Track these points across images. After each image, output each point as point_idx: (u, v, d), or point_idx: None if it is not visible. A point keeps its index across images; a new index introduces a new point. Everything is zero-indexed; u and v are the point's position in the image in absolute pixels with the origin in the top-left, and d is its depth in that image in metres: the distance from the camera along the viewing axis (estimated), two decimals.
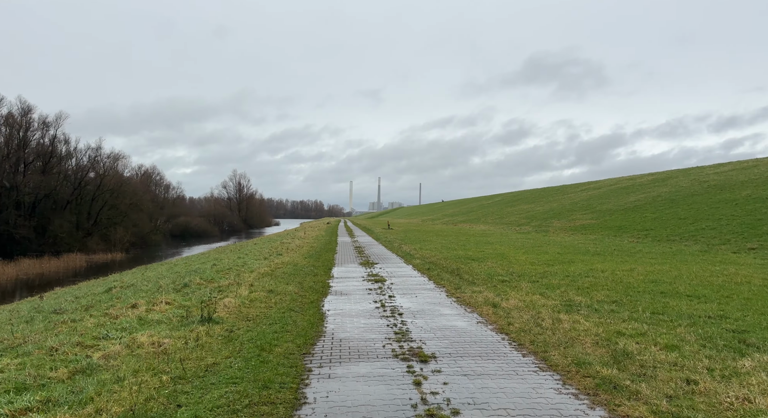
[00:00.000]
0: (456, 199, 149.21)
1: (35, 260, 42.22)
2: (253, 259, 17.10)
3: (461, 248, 21.46)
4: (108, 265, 46.04)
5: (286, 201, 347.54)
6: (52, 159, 63.01)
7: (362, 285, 11.60)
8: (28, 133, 59.64)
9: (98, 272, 38.13)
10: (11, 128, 58.85)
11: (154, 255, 55.96)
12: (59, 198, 62.01)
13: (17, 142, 59.11)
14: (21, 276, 35.46)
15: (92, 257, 51.23)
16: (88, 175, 66.78)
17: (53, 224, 57.83)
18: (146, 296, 10.28)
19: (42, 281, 34.27)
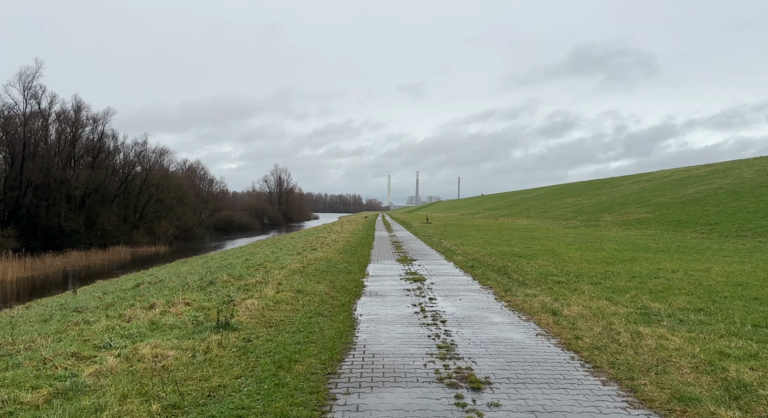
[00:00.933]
0: (496, 193, 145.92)
1: (83, 253, 43.39)
2: (286, 254, 16.35)
3: (506, 244, 20.05)
4: (152, 257, 46.95)
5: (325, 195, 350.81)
6: (101, 154, 64.96)
7: (399, 285, 10.54)
8: (78, 129, 61.61)
9: (141, 265, 38.76)
10: (63, 124, 61.00)
11: (197, 248, 56.83)
12: (107, 192, 63.94)
13: (68, 138, 61.24)
14: (68, 268, 36.38)
15: (137, 249, 52.46)
16: (134, 170, 68.64)
17: (101, 218, 59.65)
18: (168, 294, 9.58)
19: (88, 273, 35.05)
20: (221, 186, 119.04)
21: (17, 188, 52.94)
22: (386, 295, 9.33)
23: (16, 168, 53.81)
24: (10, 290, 26.97)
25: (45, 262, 36.08)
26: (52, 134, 59.85)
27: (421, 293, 9.57)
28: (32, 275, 32.27)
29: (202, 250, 50.53)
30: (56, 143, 60.19)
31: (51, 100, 58.18)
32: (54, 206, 56.70)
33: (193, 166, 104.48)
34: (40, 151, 56.09)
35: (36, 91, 55.35)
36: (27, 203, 53.22)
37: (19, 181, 53.15)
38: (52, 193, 56.06)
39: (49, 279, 31.74)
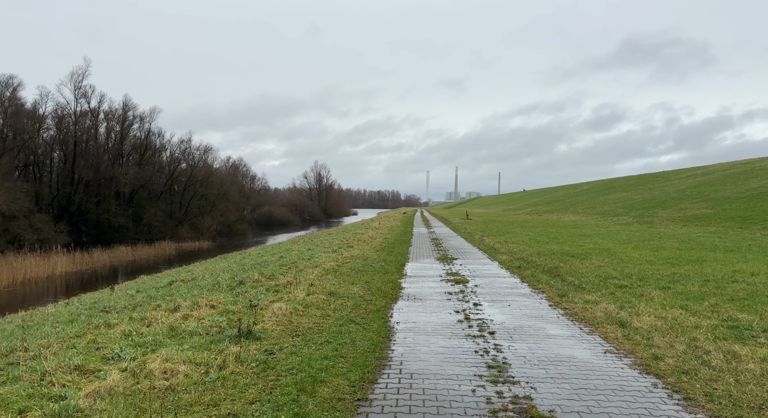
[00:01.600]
0: (539, 188, 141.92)
1: (130, 248, 44.53)
2: (322, 251, 15.77)
3: (554, 242, 18.80)
4: (195, 253, 47.81)
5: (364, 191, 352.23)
6: (148, 151, 66.86)
7: (440, 287, 9.69)
8: (126, 127, 63.56)
9: (184, 260, 39.41)
10: (112, 123, 63.12)
11: (238, 244, 57.61)
12: (154, 188, 65.78)
13: (117, 136, 63.34)
14: (115, 263, 37.37)
15: (182, 244, 53.62)
16: (180, 167, 70.39)
17: (148, 213, 61.40)
18: (197, 294, 9.11)
19: (133, 268, 35.88)
20: (263, 183, 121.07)
21: (69, 185, 55.14)
22: (426, 299, 8.51)
23: (68, 165, 56.05)
24: (59, 285, 27.79)
25: (93, 256, 37.16)
26: (102, 132, 62.00)
27: (464, 297, 8.69)
28: (81, 269, 33.26)
29: (243, 245, 51.12)
30: (105, 141, 62.36)
31: (100, 99, 60.26)
32: (104, 202, 58.76)
33: (236, 163, 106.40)
34: (91, 149, 58.18)
35: (86, 91, 57.40)
36: (78, 199, 55.35)
37: (71, 178, 55.31)
38: (101, 189, 58.09)
39: (96, 273, 32.61)
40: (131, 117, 63.89)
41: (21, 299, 22.90)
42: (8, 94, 48.92)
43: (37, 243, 38.37)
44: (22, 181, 46.54)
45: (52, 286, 27.17)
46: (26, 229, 41.39)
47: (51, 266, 30.57)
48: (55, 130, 56.19)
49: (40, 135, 54.11)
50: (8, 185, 39.44)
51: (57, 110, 55.69)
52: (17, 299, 22.68)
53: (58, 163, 57.47)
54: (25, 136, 50.64)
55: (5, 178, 40.56)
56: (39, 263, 30.34)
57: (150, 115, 65.40)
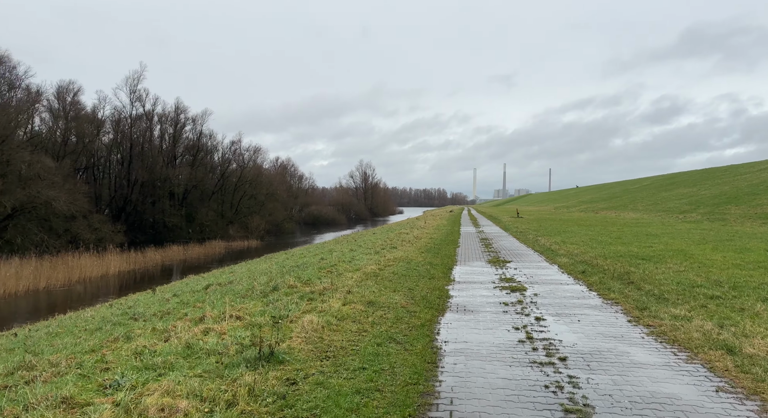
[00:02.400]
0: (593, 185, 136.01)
1: (182, 247, 45.53)
2: (364, 253, 14.91)
3: (618, 242, 17.10)
4: (244, 252, 48.41)
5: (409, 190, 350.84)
6: (200, 153, 68.62)
7: (493, 296, 8.56)
8: (179, 129, 65.44)
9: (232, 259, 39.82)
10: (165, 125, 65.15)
11: (286, 242, 58.04)
12: (205, 189, 67.43)
13: (170, 138, 65.34)
14: (166, 262, 38.19)
15: (231, 244, 54.52)
16: (230, 167, 71.92)
17: (200, 213, 63.00)
18: (227, 302, 8.44)
19: (184, 267, 36.52)
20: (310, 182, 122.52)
21: (126, 186, 57.29)
22: (478, 310, 7.42)
23: (125, 167, 58.27)
24: (112, 284, 28.45)
25: (146, 256, 38.12)
26: (156, 135, 64.08)
27: (523, 308, 7.53)
28: (134, 268, 34.10)
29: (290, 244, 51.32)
30: (159, 143, 64.44)
31: (154, 102, 62.33)
32: (158, 202, 60.75)
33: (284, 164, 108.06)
34: (146, 151, 60.24)
35: (141, 94, 59.48)
36: (134, 200, 57.42)
37: (127, 179, 57.47)
38: (156, 190, 60.02)
39: (148, 273, 33.32)
40: (183, 119, 65.77)
41: (75, 298, 23.47)
42: (69, 99, 51.31)
43: (96, 243, 39.84)
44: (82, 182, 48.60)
45: (105, 285, 27.84)
46: (85, 229, 43.07)
47: (105, 265, 31.46)
48: (113, 133, 58.52)
49: (100, 138, 56.45)
50: (68, 187, 41.13)
51: (114, 114, 58.03)
52: (72, 298, 23.26)
53: (115, 165, 59.88)
54: (85, 140, 53.00)
55: (66, 180, 42.33)
56: (94, 262, 31.29)
57: (201, 117, 67.10)
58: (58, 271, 27.09)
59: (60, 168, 43.13)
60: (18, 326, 14.86)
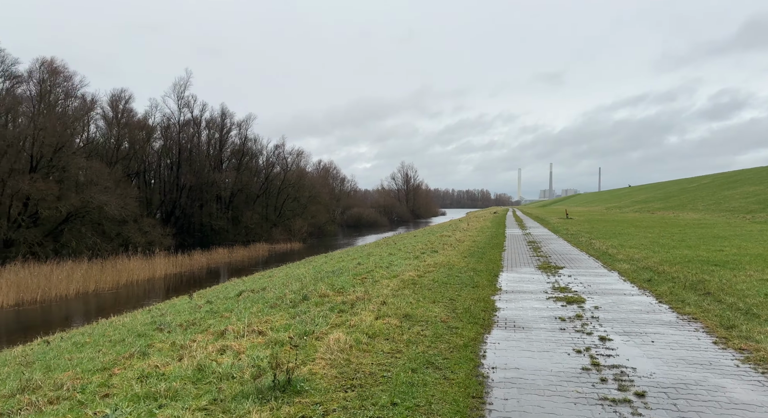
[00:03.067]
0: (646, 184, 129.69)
1: (227, 250, 46.25)
2: (402, 257, 14.12)
3: (682, 245, 15.54)
4: (287, 254, 48.69)
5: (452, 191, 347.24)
6: (245, 157, 69.90)
7: (546, 308, 7.58)
8: (225, 134, 66.88)
9: (275, 262, 39.99)
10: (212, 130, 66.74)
11: (327, 245, 58.09)
12: (250, 192, 68.53)
13: (216, 143, 66.87)
14: (211, 265, 38.77)
15: (274, 246, 55.07)
16: (273, 171, 72.90)
17: (245, 216, 64.04)
18: (255, 312, 7.89)
19: (228, 269, 36.94)
20: (352, 184, 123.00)
21: (175, 190, 58.98)
22: (529, 327, 6.49)
23: (173, 172, 60.03)
24: (158, 287, 28.94)
25: (193, 258, 38.85)
26: (203, 140, 65.73)
27: (583, 325, 6.54)
28: (180, 271, 34.74)
29: (332, 247, 51.23)
30: (207, 148, 66.05)
31: (202, 107, 63.97)
32: (206, 206, 62.22)
33: (327, 166, 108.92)
34: (193, 156, 61.85)
35: (188, 101, 61.11)
36: (182, 204, 59.02)
37: (176, 184, 59.16)
38: (203, 194, 61.51)
39: (194, 276, 33.81)
40: (229, 124, 67.15)
41: (122, 300, 23.92)
42: (121, 106, 53.32)
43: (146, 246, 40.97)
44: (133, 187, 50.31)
45: (151, 288, 28.35)
46: (136, 232, 44.36)
47: (152, 268, 32.14)
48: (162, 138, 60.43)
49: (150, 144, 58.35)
50: (119, 192, 42.52)
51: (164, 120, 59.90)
52: (119, 301, 23.72)
53: (165, 170, 61.78)
54: (136, 146, 54.94)
55: (117, 185, 43.80)
56: (142, 265, 32.04)
57: (246, 122, 68.30)
58: (106, 274, 27.81)
59: (112, 173, 44.71)
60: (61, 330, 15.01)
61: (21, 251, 34.45)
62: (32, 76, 43.81)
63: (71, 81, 46.18)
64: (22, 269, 26.16)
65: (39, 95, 42.50)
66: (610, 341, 5.78)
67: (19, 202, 36.29)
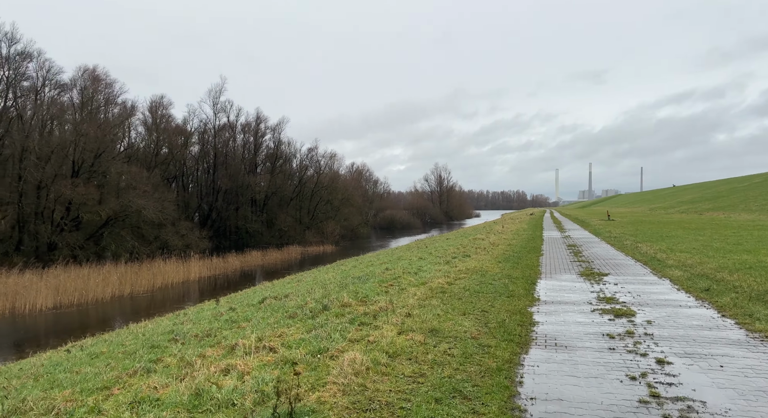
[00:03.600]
0: (692, 183, 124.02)
1: (261, 253, 46.48)
2: (432, 262, 13.43)
3: (739, 249, 14.23)
4: (319, 257, 48.66)
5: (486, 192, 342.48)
6: (278, 160, 70.53)
7: (592, 323, 6.77)
8: (258, 138, 67.67)
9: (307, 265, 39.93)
10: (247, 135, 67.65)
11: (360, 247, 57.85)
12: (284, 195, 69.07)
13: (251, 147, 67.74)
14: (245, 267, 38.98)
15: (307, 249, 55.16)
16: (306, 174, 73.28)
17: (278, 219, 64.52)
18: (272, 323, 7.41)
19: (261, 272, 37.08)
20: (385, 187, 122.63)
21: (211, 194, 60.02)
22: (573, 346, 5.72)
23: (210, 176, 61.11)
24: (192, 290, 29.18)
25: (227, 261, 39.17)
26: (239, 144, 66.70)
27: (635, 344, 5.72)
28: (214, 274, 35.02)
29: (364, 249, 50.88)
30: (242, 152, 66.99)
31: (237, 112, 64.95)
32: (241, 209, 63.03)
33: (360, 169, 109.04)
34: (229, 160, 62.82)
35: (224, 106, 62.15)
36: (218, 207, 59.97)
37: (212, 187, 60.20)
38: (238, 197, 62.34)
39: (227, 278, 34.01)
40: (263, 128, 67.90)
41: (156, 304, 24.15)
42: (160, 112, 54.67)
43: (183, 249, 41.64)
44: (170, 191, 51.38)
45: (186, 291, 28.60)
46: (173, 236, 45.16)
47: (187, 271, 32.50)
48: (199, 143, 61.64)
49: (188, 148, 59.55)
50: (157, 196, 43.40)
51: (201, 125, 61.09)
52: (153, 304, 23.96)
53: (202, 174, 62.98)
54: (174, 151, 56.20)
55: (156, 189, 44.72)
56: (177, 268, 32.43)
57: (279, 126, 68.92)
58: (142, 277, 28.21)
59: (150, 178, 45.70)
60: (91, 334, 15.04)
61: (63, 254, 35.58)
62: (75, 84, 45.40)
63: (112, 88, 47.63)
64: (63, 273, 26.84)
65: (81, 102, 43.88)
66: (669, 364, 4.96)
67: (62, 207, 37.51)
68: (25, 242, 36.65)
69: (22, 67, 40.59)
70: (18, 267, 26.87)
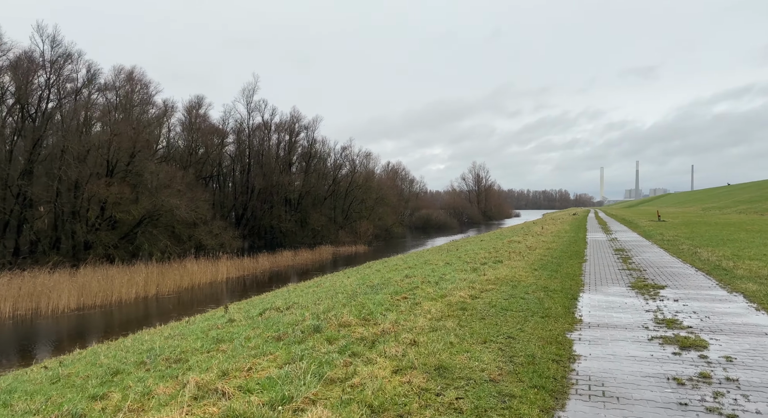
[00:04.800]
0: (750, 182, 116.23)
1: (292, 253, 45.80)
2: (458, 269, 11.95)
3: None
4: (350, 257, 47.74)
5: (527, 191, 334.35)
6: (313, 159, 70.13)
7: (650, 359, 5.20)
8: (293, 137, 67.45)
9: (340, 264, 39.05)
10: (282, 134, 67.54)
11: (393, 248, 56.63)
12: (318, 195, 68.60)
13: (286, 146, 67.61)
14: (274, 268, 38.37)
15: (339, 249, 54.32)
16: (340, 173, 72.62)
17: (312, 218, 64.06)
18: (251, 346, 6.22)
19: (289, 273, 36.36)
20: (421, 186, 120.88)
21: (245, 193, 60.13)
22: (627, 398, 4.21)
23: (245, 175, 61.27)
24: (218, 291, 28.65)
25: (258, 261, 38.67)
26: (273, 143, 66.68)
27: (715, 395, 4.16)
28: (243, 274, 34.51)
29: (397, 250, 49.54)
30: (276, 151, 66.95)
31: (272, 112, 65.09)
32: (274, 208, 62.93)
33: (395, 168, 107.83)
34: (264, 159, 62.85)
35: (259, 105, 62.25)
36: (252, 206, 60.02)
37: (246, 186, 60.30)
38: (272, 196, 62.25)
39: (256, 279, 33.42)
40: (297, 128, 67.61)
41: (178, 306, 23.65)
42: (194, 112, 55.11)
43: (218, 248, 41.50)
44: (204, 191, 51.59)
45: (212, 292, 28.08)
46: (206, 235, 45.13)
47: (214, 272, 32.07)
48: (235, 143, 61.93)
49: (223, 147, 59.83)
50: (190, 195, 43.47)
51: (236, 125, 61.35)
52: (175, 306, 23.47)
53: (237, 174, 63.26)
54: (209, 150, 56.57)
55: (189, 189, 44.82)
56: (206, 268, 32.05)
57: (313, 124, 68.49)
58: (168, 278, 27.87)
59: (184, 177, 45.87)
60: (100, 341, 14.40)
61: (97, 253, 35.97)
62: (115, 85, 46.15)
63: (147, 89, 48.23)
64: (92, 272, 26.83)
65: (116, 102, 44.51)
66: None
67: (96, 206, 37.98)
68: (62, 241, 37.34)
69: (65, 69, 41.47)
70: (48, 266, 27.04)
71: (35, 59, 39.66)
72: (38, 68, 39.50)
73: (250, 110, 60.69)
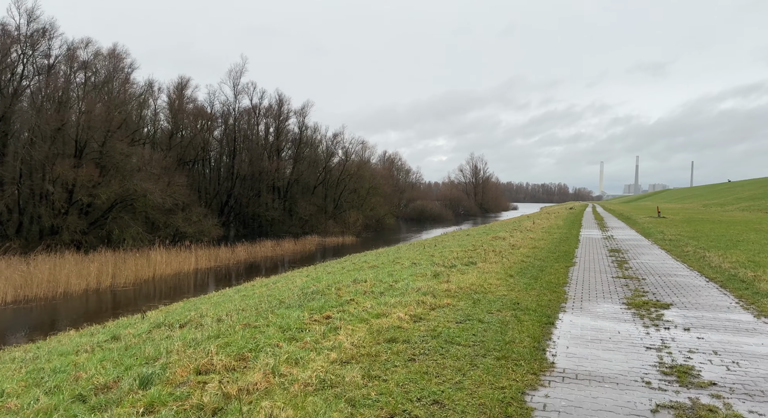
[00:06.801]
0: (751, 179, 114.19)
1: (273, 242, 43.46)
2: (418, 273, 9.78)
3: None
4: (336, 249, 45.68)
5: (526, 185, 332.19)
6: (302, 146, 67.67)
7: None
8: (280, 122, 64.89)
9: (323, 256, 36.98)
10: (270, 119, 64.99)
11: (382, 239, 54.56)
12: (307, 183, 66.27)
13: (273, 131, 65.12)
14: (249, 260, 36.19)
15: (325, 239, 52.14)
16: (332, 161, 70.23)
17: (300, 207, 61.79)
18: (51, 405, 4.07)
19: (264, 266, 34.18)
20: (417, 177, 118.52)
21: (229, 180, 57.84)
22: None
23: (229, 160, 58.93)
24: (183, 284, 26.49)
25: (234, 252, 36.51)
26: (261, 128, 64.18)
27: None
28: (213, 266, 32.25)
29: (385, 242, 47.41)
30: (265, 136, 64.48)
31: (261, 95, 62.40)
32: (261, 196, 60.64)
33: (392, 157, 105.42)
34: (250, 144, 60.44)
35: (247, 88, 59.67)
36: (237, 194, 57.76)
37: (230, 173, 57.99)
38: (259, 184, 59.94)
39: (228, 271, 31.27)
40: (286, 112, 65.04)
41: (135, 299, 21.58)
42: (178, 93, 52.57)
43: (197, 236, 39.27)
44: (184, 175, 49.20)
45: (175, 285, 25.99)
46: (183, 222, 42.84)
47: (182, 262, 29.94)
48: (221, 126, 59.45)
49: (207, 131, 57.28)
50: (166, 179, 41.17)
51: (222, 108, 58.84)
52: (131, 300, 21.41)
53: (225, 158, 60.83)
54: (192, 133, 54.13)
55: (165, 172, 42.45)
56: (173, 258, 29.92)
57: (303, 110, 65.99)
58: (127, 268, 25.74)
59: (162, 160, 43.49)
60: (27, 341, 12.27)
61: (64, 239, 33.78)
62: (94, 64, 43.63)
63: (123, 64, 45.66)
64: (48, 260, 24.69)
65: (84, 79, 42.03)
66: None
67: (62, 189, 35.73)
68: (25, 225, 35.14)
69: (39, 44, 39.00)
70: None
71: (10, 32, 37.30)
72: (13, 42, 37.13)
73: (236, 93, 58.19)
